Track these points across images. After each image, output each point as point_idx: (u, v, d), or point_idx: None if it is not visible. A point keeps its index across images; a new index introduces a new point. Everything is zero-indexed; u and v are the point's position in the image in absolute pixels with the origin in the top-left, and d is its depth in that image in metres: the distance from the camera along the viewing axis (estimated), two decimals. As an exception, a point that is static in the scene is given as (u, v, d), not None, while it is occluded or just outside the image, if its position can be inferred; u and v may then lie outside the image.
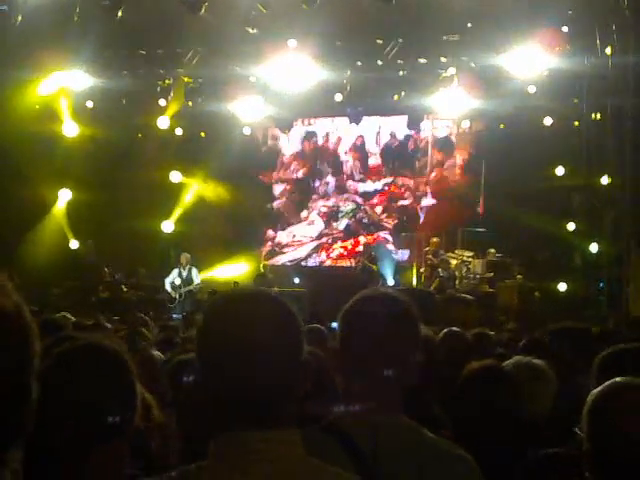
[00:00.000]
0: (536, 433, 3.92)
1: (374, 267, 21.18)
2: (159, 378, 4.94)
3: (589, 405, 2.65)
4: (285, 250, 25.20)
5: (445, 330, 6.46)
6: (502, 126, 22.30)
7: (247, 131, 24.52)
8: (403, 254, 23.63)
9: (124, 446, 2.67)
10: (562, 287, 19.43)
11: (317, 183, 25.27)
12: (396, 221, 24.26)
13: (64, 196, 22.50)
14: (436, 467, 2.56)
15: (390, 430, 2.58)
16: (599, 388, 2.67)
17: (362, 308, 2.72)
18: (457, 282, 20.07)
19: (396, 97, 22.84)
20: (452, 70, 21.08)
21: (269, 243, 25.37)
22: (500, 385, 3.82)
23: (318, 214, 25.07)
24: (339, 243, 24.67)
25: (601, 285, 19.33)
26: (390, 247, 23.89)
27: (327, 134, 25.14)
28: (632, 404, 2.57)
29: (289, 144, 25.49)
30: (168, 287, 20.75)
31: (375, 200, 24.57)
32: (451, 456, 2.62)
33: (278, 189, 25.61)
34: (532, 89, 20.50)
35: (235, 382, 2.05)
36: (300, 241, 25.08)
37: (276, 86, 21.71)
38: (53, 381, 2.62)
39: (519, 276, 19.77)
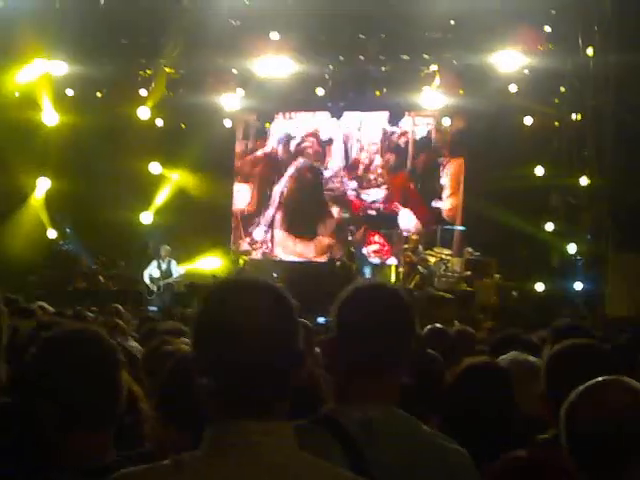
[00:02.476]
0: (531, 431, 3.90)
1: (353, 265, 21.14)
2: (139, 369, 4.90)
3: (566, 408, 2.65)
4: (262, 245, 25.18)
5: (429, 327, 6.47)
6: (483, 124, 22.30)
7: (228, 123, 24.42)
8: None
9: (108, 434, 2.64)
10: (540, 287, 19.48)
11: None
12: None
13: (43, 185, 22.34)
14: (431, 460, 2.55)
15: (385, 422, 2.57)
16: (578, 389, 2.67)
17: (360, 299, 2.71)
18: (436, 280, 20.09)
19: (378, 93, 22.79)
20: (434, 67, 21.06)
21: (247, 238, 25.30)
22: (498, 382, 3.82)
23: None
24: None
25: (579, 285, 19.36)
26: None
27: (310, 132, 25.05)
28: (607, 403, 2.58)
29: (270, 139, 25.40)
30: (147, 279, 20.69)
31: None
32: (447, 449, 2.61)
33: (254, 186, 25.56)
34: (513, 88, 20.52)
35: (233, 370, 2.03)
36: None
37: (258, 79, 21.66)
38: (40, 366, 2.59)
39: (497, 275, 19.82)
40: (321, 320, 14.19)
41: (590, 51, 18.88)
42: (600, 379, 2.67)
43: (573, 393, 2.65)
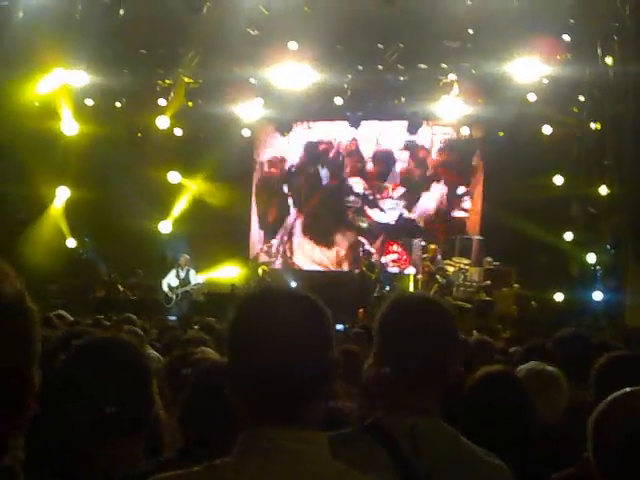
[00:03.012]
0: (547, 440, 3.89)
1: (372, 275, 21.12)
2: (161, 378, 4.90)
3: (595, 417, 2.60)
4: (280, 254, 25.21)
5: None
6: (501, 134, 22.27)
7: (246, 133, 24.48)
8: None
9: (140, 441, 2.65)
10: (559, 297, 19.41)
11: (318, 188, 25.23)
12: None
13: (62, 194, 22.41)
14: (474, 473, 2.55)
15: (430, 433, 2.57)
16: (608, 398, 2.63)
17: (403, 312, 2.71)
18: (454, 289, 20.04)
19: (396, 102, 22.82)
20: (452, 76, 21.05)
21: (264, 247, 25.33)
22: (513, 391, 3.81)
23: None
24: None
25: (598, 295, 19.27)
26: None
27: (329, 141, 25.06)
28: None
29: (288, 148, 25.42)
30: (165, 287, 20.73)
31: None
32: (489, 464, 2.60)
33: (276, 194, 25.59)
34: (532, 97, 20.46)
35: (266, 377, 2.03)
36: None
37: (276, 88, 21.70)
38: (73, 373, 2.59)
39: (516, 285, 19.74)
40: (339, 327, 14.30)
41: (609, 60, 18.80)
42: (629, 389, 2.62)
43: (603, 402, 2.61)
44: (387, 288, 20.91)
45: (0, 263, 1.59)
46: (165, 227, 23.36)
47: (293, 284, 21.57)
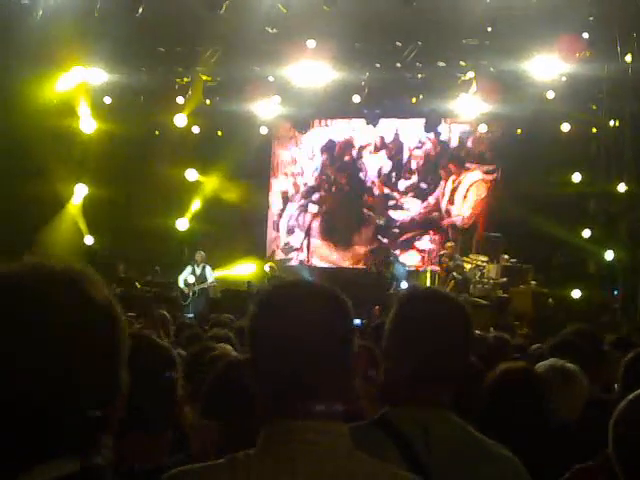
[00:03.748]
0: (566, 437, 3.91)
1: (387, 273, 21.09)
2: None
3: (617, 414, 2.60)
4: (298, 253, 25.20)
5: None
6: (519, 131, 22.23)
7: (264, 131, 24.49)
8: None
9: (166, 437, 2.68)
10: (576, 294, 19.34)
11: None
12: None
13: (80, 191, 22.48)
14: (486, 466, 2.55)
15: (441, 427, 2.58)
16: (629, 397, 2.62)
17: (414, 305, 2.72)
18: (471, 286, 20.00)
19: (414, 100, 22.76)
20: (471, 74, 21.02)
21: (281, 245, 25.35)
22: (533, 387, 3.83)
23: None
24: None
25: (615, 293, 19.23)
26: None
27: (346, 139, 25.05)
28: None
29: (306, 146, 25.42)
30: (181, 284, 20.78)
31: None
32: (501, 456, 2.61)
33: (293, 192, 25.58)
34: (550, 94, 20.41)
35: (290, 369, 2.04)
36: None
37: (294, 86, 21.72)
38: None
39: (533, 282, 19.68)
40: (357, 322, 14.34)
41: (629, 58, 18.73)
42: None
43: (625, 400, 2.60)
44: (403, 285, 20.89)
45: (89, 271, 1.65)
46: (182, 224, 23.41)
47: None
